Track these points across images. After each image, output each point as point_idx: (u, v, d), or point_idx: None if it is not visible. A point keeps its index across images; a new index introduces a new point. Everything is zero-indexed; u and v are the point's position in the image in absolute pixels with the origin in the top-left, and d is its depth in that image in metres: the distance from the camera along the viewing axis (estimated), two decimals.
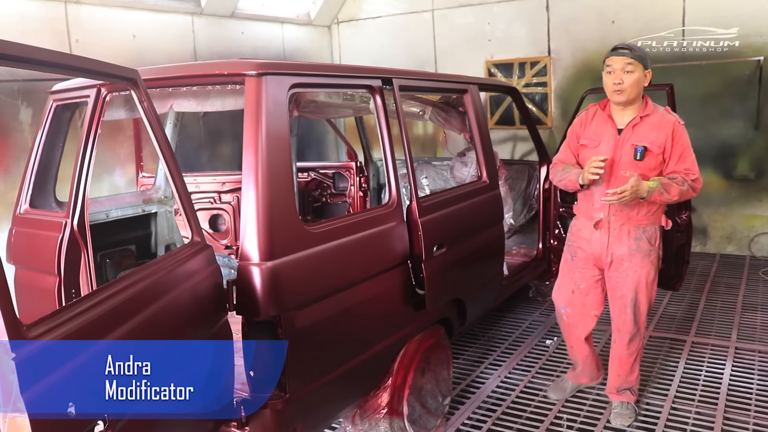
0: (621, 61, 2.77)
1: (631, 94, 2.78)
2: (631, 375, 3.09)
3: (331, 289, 2.34)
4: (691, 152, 2.82)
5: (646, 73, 2.79)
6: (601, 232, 2.92)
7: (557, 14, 6.55)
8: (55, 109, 2.81)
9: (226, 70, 2.31)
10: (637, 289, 2.91)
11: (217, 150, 6.22)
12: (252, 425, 2.14)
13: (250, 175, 2.11)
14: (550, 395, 3.31)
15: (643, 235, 2.87)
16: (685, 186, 2.75)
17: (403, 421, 2.76)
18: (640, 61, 2.76)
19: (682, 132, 2.80)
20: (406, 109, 3.81)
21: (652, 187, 2.69)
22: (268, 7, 6.85)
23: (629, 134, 2.82)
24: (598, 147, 2.88)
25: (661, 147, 2.77)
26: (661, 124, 2.79)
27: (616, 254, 2.91)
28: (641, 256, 2.88)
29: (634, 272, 2.89)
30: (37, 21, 4.63)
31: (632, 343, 3.01)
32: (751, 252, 6.03)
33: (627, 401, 3.12)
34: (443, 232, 2.92)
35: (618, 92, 2.78)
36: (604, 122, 2.90)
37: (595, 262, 2.98)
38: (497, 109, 7.01)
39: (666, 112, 2.86)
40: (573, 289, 3.07)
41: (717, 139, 5.96)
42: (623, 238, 2.88)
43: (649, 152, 2.77)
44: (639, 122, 2.82)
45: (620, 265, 2.91)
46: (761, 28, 5.65)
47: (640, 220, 2.85)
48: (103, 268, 3.10)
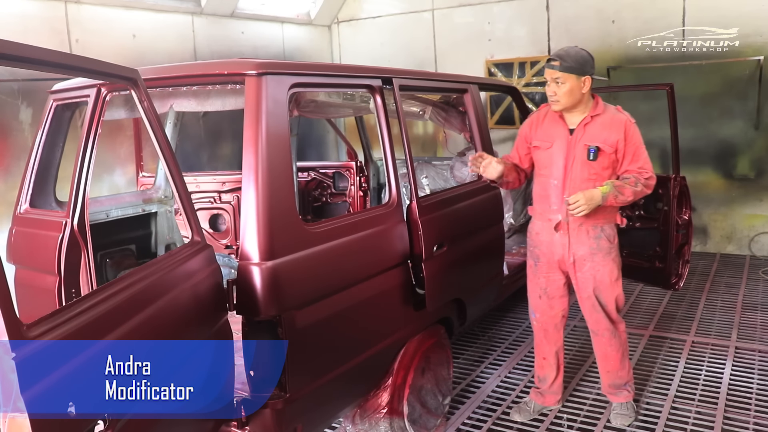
0: (550, 73, 2.78)
1: (567, 103, 2.79)
2: (621, 370, 3.06)
3: (332, 289, 2.34)
4: (643, 150, 2.82)
5: (583, 80, 2.75)
6: (561, 233, 2.90)
7: (557, 14, 6.55)
8: (55, 108, 2.81)
9: (226, 70, 2.31)
10: (602, 288, 2.92)
11: (217, 150, 6.22)
12: (252, 425, 2.14)
13: (250, 174, 2.11)
14: (514, 417, 3.19)
15: (602, 233, 2.87)
16: (638, 186, 2.76)
17: (404, 420, 2.76)
18: (571, 71, 2.73)
19: (634, 130, 2.81)
20: (406, 108, 3.82)
21: (605, 192, 2.70)
22: (268, 7, 6.85)
23: (581, 134, 2.82)
24: (551, 148, 2.88)
25: (613, 146, 2.78)
26: (613, 123, 2.80)
27: (578, 255, 2.90)
28: (602, 255, 2.88)
29: (597, 271, 2.90)
30: (37, 20, 4.62)
31: (613, 339, 3.00)
32: (751, 251, 6.03)
33: (625, 401, 3.11)
34: (443, 232, 2.92)
35: (552, 102, 2.82)
36: (555, 123, 2.90)
37: (559, 264, 2.96)
38: (497, 109, 7.01)
39: (617, 111, 2.86)
40: (540, 294, 3.05)
41: (717, 139, 5.96)
42: (583, 237, 2.87)
43: (601, 152, 2.78)
44: (590, 122, 2.82)
45: (583, 265, 2.91)
46: (761, 27, 5.65)
47: (598, 219, 2.85)
48: (103, 268, 3.10)
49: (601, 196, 2.69)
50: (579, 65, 2.75)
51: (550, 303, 3.04)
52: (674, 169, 4.04)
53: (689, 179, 4.26)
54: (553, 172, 2.88)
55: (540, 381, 3.23)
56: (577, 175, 2.81)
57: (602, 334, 3.01)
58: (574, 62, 2.75)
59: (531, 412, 3.21)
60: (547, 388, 3.21)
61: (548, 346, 3.12)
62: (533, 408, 3.22)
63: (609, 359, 3.06)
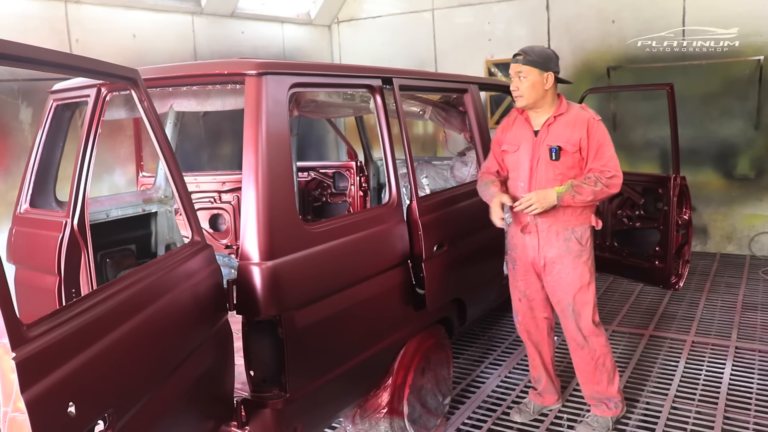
0: (514, 67, 2.79)
1: (529, 98, 2.78)
2: (596, 385, 2.97)
3: (332, 289, 2.34)
4: (608, 148, 2.77)
5: (546, 76, 2.76)
6: (531, 236, 2.89)
7: (557, 14, 6.55)
8: (55, 108, 2.81)
9: (227, 70, 2.31)
10: (572, 293, 2.85)
11: (217, 149, 6.23)
12: (252, 425, 2.14)
13: (250, 174, 2.11)
14: (514, 418, 3.19)
15: (572, 235, 2.82)
16: (598, 186, 2.69)
17: (404, 420, 2.76)
18: (534, 65, 2.74)
19: (596, 127, 2.77)
20: (406, 108, 3.82)
21: (561, 192, 2.69)
22: (268, 7, 6.85)
23: (545, 135, 2.81)
24: (518, 151, 2.88)
25: (576, 145, 2.76)
26: (576, 122, 2.78)
27: (548, 257, 2.86)
28: (572, 257, 2.83)
29: (566, 274, 2.85)
30: (37, 20, 4.63)
31: (582, 351, 2.93)
32: (751, 251, 6.03)
33: (601, 415, 3.02)
34: (443, 232, 2.92)
35: (516, 98, 2.82)
36: (522, 126, 2.90)
37: (533, 267, 2.94)
38: (497, 109, 7.02)
39: (581, 110, 2.83)
40: (519, 297, 3.04)
41: (717, 139, 5.97)
42: (552, 239, 2.84)
43: (564, 151, 2.76)
44: (553, 122, 2.81)
45: (552, 268, 2.87)
46: (761, 27, 5.65)
47: (568, 220, 2.81)
48: (103, 268, 3.10)
49: (556, 195, 2.69)
50: (542, 60, 2.76)
51: (530, 305, 3.02)
52: (674, 168, 4.04)
53: (689, 179, 4.25)
54: (520, 175, 2.87)
55: (535, 381, 3.24)
56: (542, 176, 2.80)
57: (571, 342, 2.96)
58: (538, 57, 2.76)
59: (531, 412, 3.21)
60: (542, 388, 3.21)
61: (532, 348, 3.11)
62: (533, 409, 3.22)
63: (580, 370, 3.00)
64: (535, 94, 2.77)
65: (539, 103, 2.80)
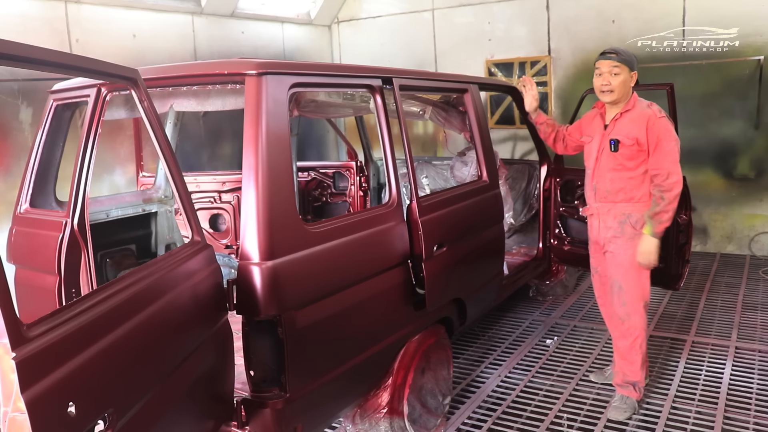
0: (608, 64, 3.01)
1: (619, 93, 3.01)
2: (632, 366, 3.14)
3: (332, 289, 2.34)
4: (667, 143, 2.92)
5: (632, 75, 3.02)
6: (593, 217, 3.18)
7: (557, 14, 6.56)
8: (56, 108, 2.81)
9: (227, 70, 2.31)
10: (621, 271, 3.07)
11: (218, 149, 6.23)
12: (252, 425, 2.14)
13: (250, 174, 2.11)
14: (591, 377, 3.53)
15: (627, 219, 3.03)
16: (665, 199, 2.87)
17: (404, 420, 2.76)
18: (626, 63, 3.00)
19: (656, 123, 2.94)
20: (407, 108, 3.82)
21: (648, 232, 2.91)
22: (268, 7, 6.85)
23: (611, 129, 3.07)
24: (591, 142, 3.18)
25: (633, 139, 2.96)
26: (639, 117, 2.99)
27: (606, 237, 3.11)
28: (625, 239, 3.04)
29: (618, 254, 3.07)
30: (37, 20, 4.63)
31: (624, 325, 3.10)
32: (751, 251, 6.03)
33: (627, 395, 3.16)
34: (443, 232, 2.92)
35: (606, 92, 3.03)
36: (597, 120, 3.19)
37: (598, 245, 3.21)
38: (497, 109, 7.01)
39: (646, 107, 3.02)
40: (593, 273, 3.34)
41: (717, 139, 5.96)
42: (609, 221, 3.09)
43: (621, 144, 2.99)
44: (620, 117, 3.05)
45: (608, 247, 3.12)
46: (761, 27, 5.65)
47: (625, 207, 3.04)
48: (103, 268, 3.10)
49: (651, 235, 2.91)
50: (631, 60, 3.03)
51: (601, 280, 3.28)
52: None
53: (689, 179, 4.23)
54: (589, 162, 3.18)
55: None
56: (603, 164, 3.07)
57: (614, 318, 3.16)
58: (628, 57, 3.03)
59: (606, 378, 3.48)
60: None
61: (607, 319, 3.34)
62: (609, 375, 3.46)
63: (618, 347, 3.20)
64: (623, 89, 3.01)
65: (622, 99, 3.03)
